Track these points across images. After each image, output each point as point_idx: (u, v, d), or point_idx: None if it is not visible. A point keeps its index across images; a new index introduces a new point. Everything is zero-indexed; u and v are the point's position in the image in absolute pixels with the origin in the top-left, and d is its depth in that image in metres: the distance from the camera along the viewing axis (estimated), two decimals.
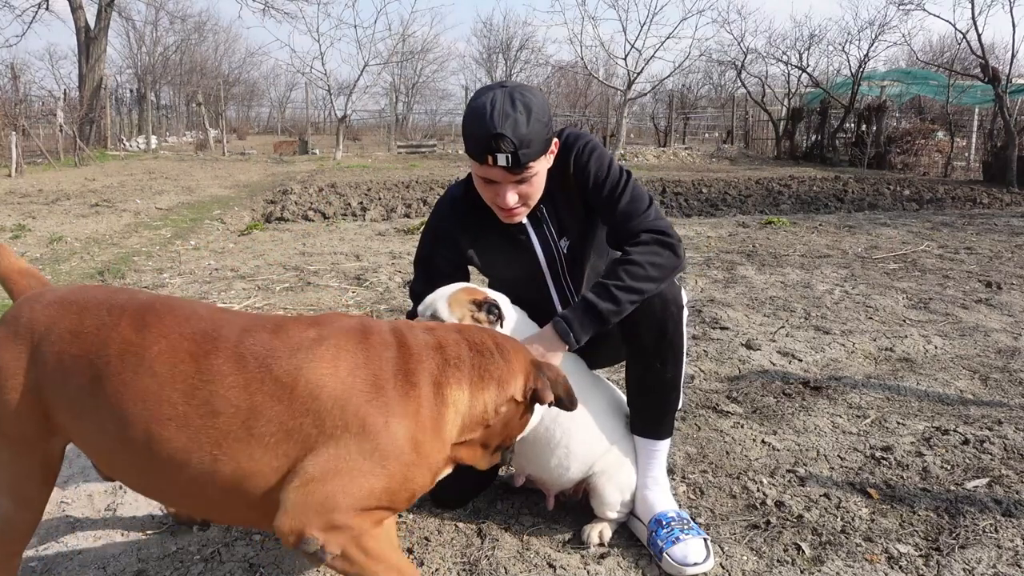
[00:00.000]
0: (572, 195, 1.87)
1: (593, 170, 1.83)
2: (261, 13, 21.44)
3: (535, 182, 1.77)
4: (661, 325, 1.76)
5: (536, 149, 1.68)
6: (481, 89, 1.73)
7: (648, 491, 1.86)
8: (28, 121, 14.42)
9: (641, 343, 1.79)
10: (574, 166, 1.84)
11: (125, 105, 24.72)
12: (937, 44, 32.04)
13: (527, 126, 1.64)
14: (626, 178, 1.84)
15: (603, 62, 26.93)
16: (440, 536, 1.86)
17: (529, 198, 1.80)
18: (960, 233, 7.07)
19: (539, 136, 1.68)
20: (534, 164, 1.72)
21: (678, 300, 1.77)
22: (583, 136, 1.88)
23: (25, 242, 6.12)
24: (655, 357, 1.79)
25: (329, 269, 5.10)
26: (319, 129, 32.29)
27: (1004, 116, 13.07)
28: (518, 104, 1.65)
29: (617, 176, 1.83)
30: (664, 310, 1.75)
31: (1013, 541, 1.85)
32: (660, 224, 1.77)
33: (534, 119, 1.66)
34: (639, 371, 1.84)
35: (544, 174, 1.80)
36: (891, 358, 3.30)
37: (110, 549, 1.79)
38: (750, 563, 1.76)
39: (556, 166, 1.86)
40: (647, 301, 1.72)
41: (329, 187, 10.28)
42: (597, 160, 1.84)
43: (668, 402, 1.85)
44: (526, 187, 1.76)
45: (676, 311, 1.77)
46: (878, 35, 18.76)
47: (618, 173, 1.84)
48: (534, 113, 1.66)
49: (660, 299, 1.74)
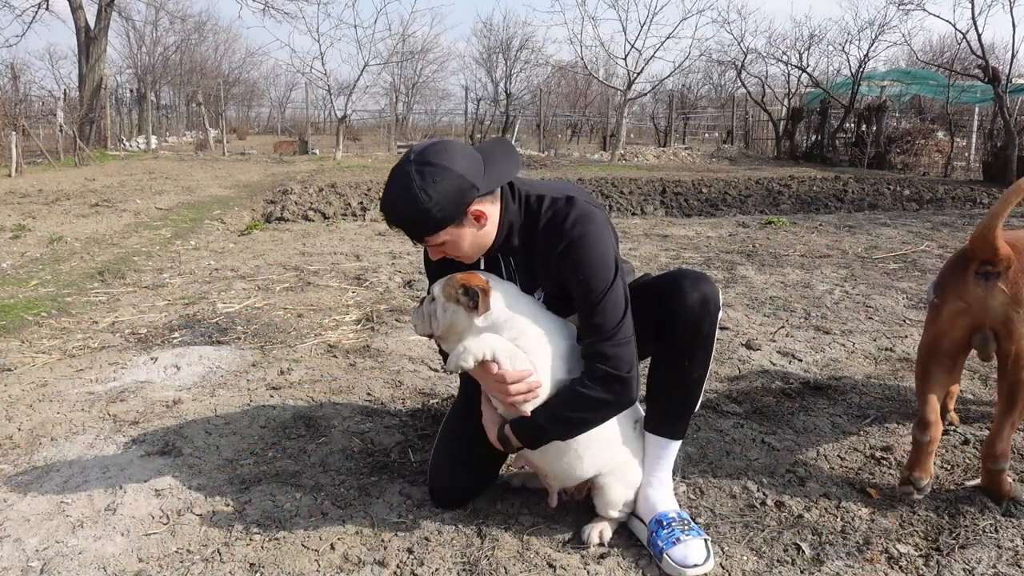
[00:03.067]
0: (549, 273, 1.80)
1: (577, 271, 1.73)
2: (261, 13, 21.42)
3: (449, 247, 1.76)
4: (698, 323, 1.76)
5: (425, 226, 1.68)
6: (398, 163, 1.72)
7: (652, 490, 1.86)
8: (28, 121, 14.41)
9: (674, 340, 1.79)
10: (560, 256, 1.75)
11: (125, 105, 24.72)
12: (937, 44, 32.05)
13: (408, 209, 1.66)
14: (607, 288, 1.71)
15: (603, 62, 26.95)
16: (440, 536, 1.86)
17: (455, 255, 1.80)
18: (960, 233, 7.07)
19: (427, 216, 1.65)
20: (432, 238, 1.72)
21: (716, 300, 1.78)
22: (580, 221, 1.74)
23: (25, 242, 6.12)
24: (685, 355, 1.79)
25: (329, 269, 5.10)
26: (319, 129, 32.27)
27: (1004, 116, 13.06)
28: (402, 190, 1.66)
29: (599, 286, 1.71)
30: (703, 308, 1.75)
31: (1013, 541, 1.85)
32: (620, 352, 1.70)
33: (416, 204, 1.64)
34: (666, 368, 1.84)
35: (467, 238, 1.75)
36: (891, 358, 3.30)
37: (110, 549, 1.79)
38: (750, 563, 1.76)
39: (544, 239, 1.78)
40: (687, 297, 1.74)
41: (329, 187, 10.28)
42: (585, 260, 1.72)
43: (688, 402, 1.86)
44: (442, 248, 1.77)
45: (714, 311, 1.78)
46: (878, 35, 18.74)
47: (600, 282, 1.71)
48: (418, 199, 1.64)
49: (700, 297, 1.75)
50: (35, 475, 2.15)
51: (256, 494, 2.04)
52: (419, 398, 2.79)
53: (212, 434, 2.42)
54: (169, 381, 2.92)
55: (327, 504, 1.99)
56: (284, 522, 1.91)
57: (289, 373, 3.01)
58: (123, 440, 2.37)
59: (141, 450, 2.30)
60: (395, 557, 1.76)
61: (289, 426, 2.50)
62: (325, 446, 2.35)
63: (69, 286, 4.61)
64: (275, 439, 2.40)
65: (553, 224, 1.77)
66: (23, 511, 1.95)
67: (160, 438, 2.38)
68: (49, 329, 3.67)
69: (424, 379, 2.99)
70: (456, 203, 1.67)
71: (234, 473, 2.17)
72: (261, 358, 3.20)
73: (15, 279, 4.81)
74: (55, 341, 3.46)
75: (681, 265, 5.33)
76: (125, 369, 3.06)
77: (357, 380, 2.96)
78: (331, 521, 1.91)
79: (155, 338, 3.50)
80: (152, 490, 2.06)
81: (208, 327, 3.68)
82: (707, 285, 1.78)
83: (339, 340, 3.48)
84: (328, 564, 1.74)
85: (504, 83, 32.06)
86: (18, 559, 1.74)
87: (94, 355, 3.25)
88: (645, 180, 11.47)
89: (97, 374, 3.00)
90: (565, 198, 1.78)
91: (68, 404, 2.67)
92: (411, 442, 2.39)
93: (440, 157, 1.67)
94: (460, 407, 2.09)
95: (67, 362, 3.16)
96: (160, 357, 3.18)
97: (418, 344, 3.42)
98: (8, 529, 1.86)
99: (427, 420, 2.57)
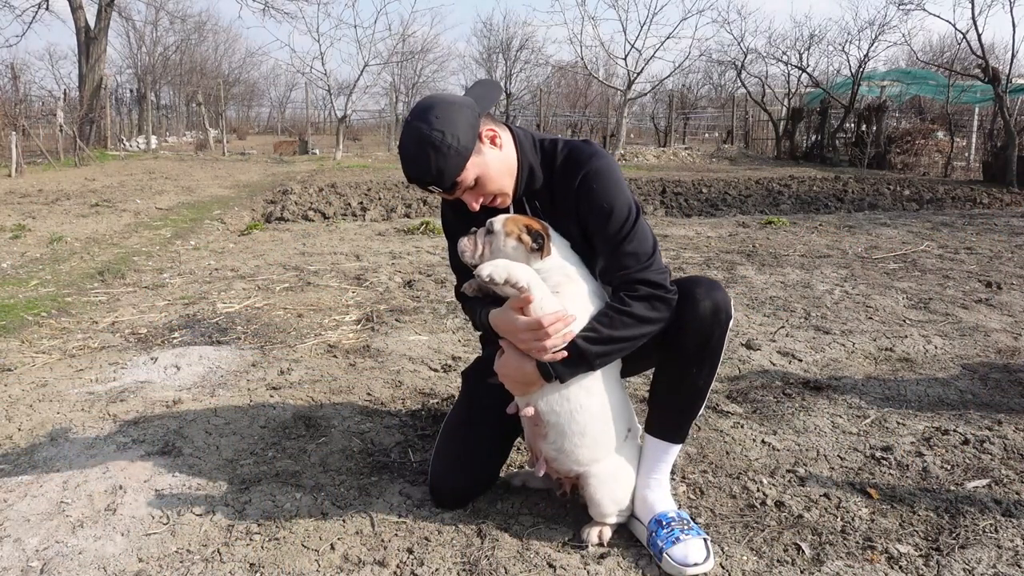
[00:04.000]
0: (570, 211, 1.84)
1: (599, 199, 1.77)
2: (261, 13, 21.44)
3: (485, 182, 1.78)
4: (708, 332, 1.76)
5: (453, 167, 1.70)
6: (402, 132, 1.77)
7: (649, 491, 1.86)
8: (28, 121, 14.42)
9: (683, 348, 1.78)
10: (579, 188, 1.80)
11: (125, 105, 24.73)
12: (937, 44, 32.09)
13: (427, 160, 1.68)
14: (635, 216, 1.77)
15: (603, 62, 26.96)
16: (440, 536, 1.85)
17: (493, 192, 1.81)
18: (960, 233, 7.07)
19: (447, 157, 1.69)
20: (463, 176, 1.73)
21: (728, 309, 1.78)
22: (596, 155, 1.81)
23: (25, 242, 6.12)
24: (694, 363, 1.79)
25: (329, 269, 5.10)
26: (319, 129, 32.27)
27: (1004, 116, 13.07)
28: (415, 147, 1.69)
29: (625, 213, 1.76)
30: (714, 317, 1.75)
31: (1013, 541, 1.85)
32: (661, 279, 1.75)
33: (432, 149, 1.67)
34: (673, 374, 1.83)
35: (493, 164, 1.78)
36: (891, 358, 3.30)
37: (110, 549, 1.79)
38: (750, 563, 1.76)
39: (562, 176, 1.83)
40: (698, 306, 1.74)
41: (329, 187, 10.28)
42: (605, 188, 1.78)
43: (693, 408, 1.85)
44: (478, 190, 1.78)
45: (725, 319, 1.77)
46: (878, 35, 18.74)
47: (626, 210, 1.77)
48: (432, 144, 1.67)
49: (712, 305, 1.75)
50: (35, 475, 2.15)
51: (256, 494, 2.04)
52: (419, 398, 2.79)
53: (212, 434, 2.42)
54: (169, 381, 2.92)
55: (327, 504, 1.99)
56: (284, 522, 1.91)
57: (289, 373, 3.01)
58: (123, 440, 2.37)
59: (141, 450, 2.30)
60: (395, 557, 1.76)
61: (289, 426, 2.50)
62: (325, 446, 2.35)
63: (69, 286, 4.61)
64: (275, 439, 2.40)
65: (570, 159, 1.84)
66: (23, 511, 1.95)
67: (160, 438, 2.38)
68: (49, 329, 3.67)
69: (424, 379, 2.99)
70: (466, 127, 1.71)
71: (234, 473, 2.17)
72: (261, 358, 3.20)
73: (15, 279, 4.81)
74: (55, 341, 3.46)
75: (681, 265, 5.33)
76: (125, 369, 3.06)
77: (357, 380, 2.96)
78: (331, 521, 1.91)
79: (155, 338, 3.50)
80: (152, 490, 2.06)
81: (208, 327, 3.68)
82: (720, 293, 1.77)
83: (339, 340, 3.48)
84: (328, 564, 1.74)
85: (504, 83, 32.07)
86: (18, 559, 1.74)
87: (94, 355, 3.25)
88: (645, 180, 11.47)
89: (97, 374, 3.00)
90: (580, 140, 1.87)
91: (68, 404, 2.67)
92: (411, 442, 2.39)
93: (430, 102, 1.75)
94: (460, 407, 2.09)
95: (67, 362, 3.16)
96: (160, 357, 3.18)
97: (418, 344, 3.42)
98: (8, 529, 1.86)
99: (427, 420, 2.57)
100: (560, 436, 1.80)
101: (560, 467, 1.87)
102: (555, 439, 1.81)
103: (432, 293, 4.44)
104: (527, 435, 1.93)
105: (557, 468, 1.88)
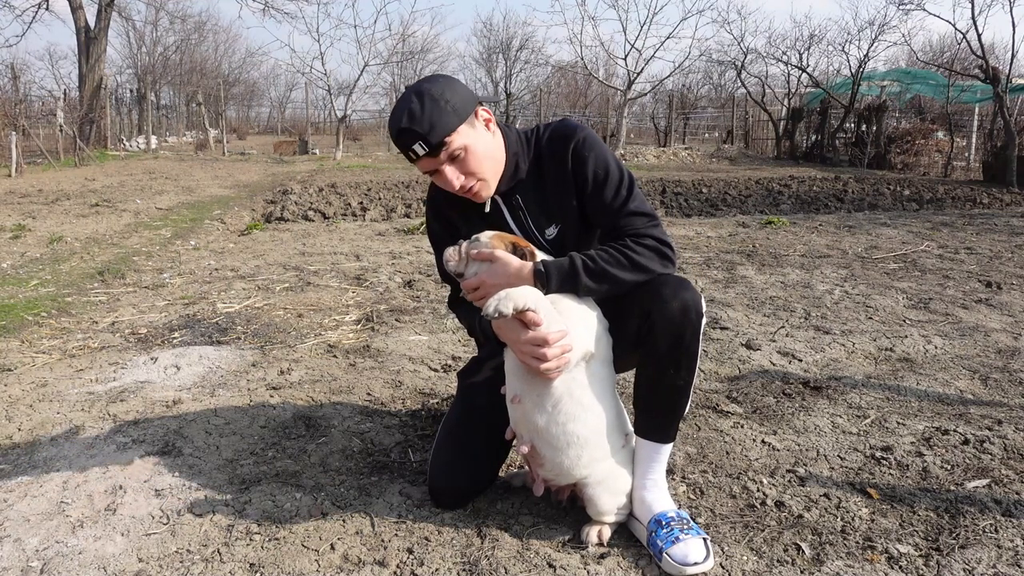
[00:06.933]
0: (566, 185, 1.87)
1: (595, 165, 1.83)
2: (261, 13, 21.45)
3: (470, 157, 1.78)
4: (680, 332, 1.74)
5: (445, 123, 1.70)
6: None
7: (647, 492, 1.85)
8: (28, 121, 14.42)
9: (657, 348, 1.77)
10: (572, 160, 1.85)
11: (125, 105, 24.71)
12: (937, 44, 32.09)
13: (423, 110, 1.69)
14: (629, 179, 1.84)
15: (603, 62, 26.99)
16: (440, 536, 1.85)
17: (476, 173, 1.80)
18: (960, 233, 7.07)
19: (442, 112, 1.70)
20: (452, 138, 1.73)
21: (699, 307, 1.76)
22: (580, 127, 1.87)
23: (25, 242, 6.12)
24: (669, 364, 1.78)
25: (329, 269, 5.10)
26: (319, 129, 32.27)
27: (1004, 116, 13.06)
28: (414, 97, 1.71)
29: (620, 175, 1.83)
30: (684, 316, 1.74)
31: (1013, 541, 1.85)
32: (667, 239, 1.80)
33: (430, 100, 1.70)
34: (651, 375, 1.82)
35: (482, 142, 1.79)
36: (891, 358, 3.30)
37: (110, 549, 1.79)
38: (750, 563, 1.76)
39: (550, 154, 1.87)
40: (667, 307, 1.73)
41: (329, 187, 10.28)
42: (599, 155, 1.84)
43: (677, 408, 1.85)
44: (461, 164, 1.78)
45: (696, 319, 1.76)
46: (878, 35, 18.74)
47: (621, 172, 1.84)
48: (431, 95, 1.71)
49: (681, 305, 1.73)
50: (35, 475, 2.15)
51: (256, 494, 2.04)
52: (419, 398, 2.79)
53: (212, 434, 2.42)
54: (169, 381, 2.92)
55: (327, 504, 1.99)
56: (284, 522, 1.91)
57: (289, 373, 3.01)
58: (123, 440, 2.37)
59: (141, 450, 2.30)
60: (395, 557, 1.76)
61: (289, 426, 2.49)
62: (325, 446, 2.35)
63: (69, 286, 4.61)
64: (275, 439, 2.40)
65: (556, 135, 1.88)
66: (23, 511, 1.95)
67: (160, 438, 2.38)
68: (49, 329, 3.67)
69: (424, 379, 2.99)
70: (464, 100, 1.74)
71: (234, 473, 2.17)
72: (261, 358, 3.20)
73: (15, 279, 4.81)
74: (55, 341, 3.46)
75: (682, 265, 5.33)
76: (125, 369, 3.06)
77: (357, 380, 2.96)
78: (331, 521, 1.91)
79: (155, 338, 3.50)
80: (152, 490, 2.06)
81: (208, 327, 3.68)
82: (688, 293, 1.75)
83: (339, 340, 3.48)
84: (328, 564, 1.74)
85: (504, 83, 32.09)
86: (18, 559, 1.74)
87: (94, 355, 3.25)
88: (645, 180, 11.47)
89: (97, 374, 3.00)
90: (559, 119, 1.91)
91: (68, 404, 2.67)
92: (411, 442, 2.39)
93: (435, 77, 1.78)
94: (460, 407, 2.09)
95: (67, 362, 3.16)
96: (160, 357, 3.18)
97: (418, 344, 3.42)
98: (8, 529, 1.86)
99: (427, 420, 2.57)
100: (557, 465, 1.81)
101: (559, 483, 1.89)
102: (552, 468, 1.82)
103: (432, 293, 4.44)
104: (524, 459, 1.94)
105: (555, 484, 1.90)
